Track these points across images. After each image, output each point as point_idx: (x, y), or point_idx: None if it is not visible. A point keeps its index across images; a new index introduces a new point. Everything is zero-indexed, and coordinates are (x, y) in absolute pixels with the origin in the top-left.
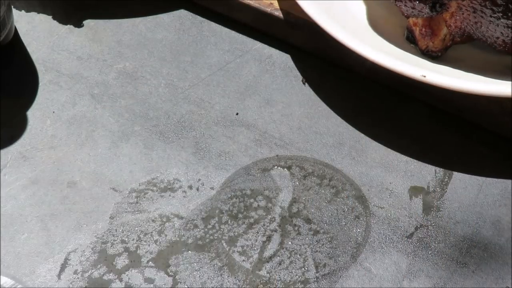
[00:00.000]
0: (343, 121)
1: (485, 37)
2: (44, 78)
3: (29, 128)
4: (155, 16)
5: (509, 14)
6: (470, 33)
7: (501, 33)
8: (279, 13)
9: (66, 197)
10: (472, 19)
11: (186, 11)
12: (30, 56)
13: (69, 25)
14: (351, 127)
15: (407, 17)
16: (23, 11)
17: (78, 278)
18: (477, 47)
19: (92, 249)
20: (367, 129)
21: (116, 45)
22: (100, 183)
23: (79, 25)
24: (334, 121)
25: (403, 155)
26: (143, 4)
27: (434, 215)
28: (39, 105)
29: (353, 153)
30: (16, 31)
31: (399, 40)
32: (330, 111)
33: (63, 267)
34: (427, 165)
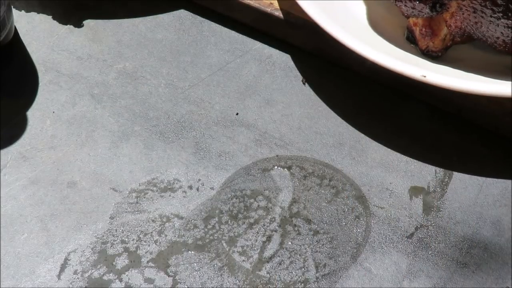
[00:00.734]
0: (343, 121)
1: (485, 37)
2: (44, 78)
3: (29, 128)
4: (155, 16)
5: (509, 14)
6: (470, 33)
7: (501, 33)
8: (279, 13)
9: (66, 197)
10: (472, 19)
11: (186, 11)
12: (30, 56)
13: (69, 25)
14: (351, 127)
15: (407, 17)
16: (23, 11)
17: (78, 278)
18: (477, 47)
19: (92, 249)
20: (367, 129)
21: (116, 45)
22: (100, 183)
23: (79, 25)
24: (334, 121)
25: (403, 155)
26: (143, 4)
27: (434, 215)
28: (39, 105)
29: (353, 153)
30: (16, 31)
31: (399, 40)
32: (330, 111)
33: (63, 267)
34: (427, 165)
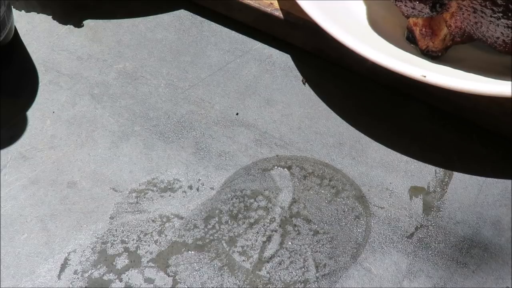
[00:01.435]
0: (343, 121)
1: (485, 37)
2: (44, 78)
3: (29, 128)
4: (155, 16)
5: (509, 14)
6: (470, 33)
7: (501, 33)
8: (279, 13)
9: (66, 197)
10: (472, 19)
11: (186, 11)
12: (30, 56)
13: (69, 25)
14: (351, 127)
15: (407, 17)
16: (23, 11)
17: (78, 278)
18: (477, 47)
19: (92, 249)
20: (367, 129)
21: (116, 45)
22: (100, 183)
23: (79, 25)
24: (334, 121)
25: (403, 155)
26: (143, 4)
27: (434, 215)
28: (39, 105)
29: (353, 153)
30: (16, 31)
31: (399, 40)
32: (330, 111)
33: (63, 267)
34: (427, 165)
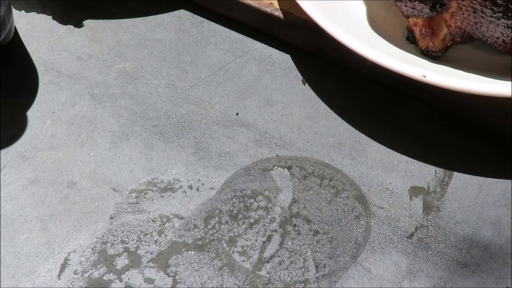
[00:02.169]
0: (343, 121)
1: (485, 37)
2: (44, 78)
3: (29, 128)
4: (155, 16)
5: (509, 14)
6: (470, 33)
7: (501, 33)
8: (279, 13)
9: (66, 197)
10: (472, 19)
11: (186, 11)
12: (30, 56)
13: (69, 25)
14: (351, 127)
15: (407, 17)
16: (23, 11)
17: (78, 278)
18: (477, 47)
19: (92, 249)
20: (367, 129)
21: (116, 45)
22: (100, 183)
23: (79, 25)
24: (334, 121)
25: (403, 155)
26: (143, 4)
27: (434, 215)
28: (39, 105)
29: (353, 153)
30: (16, 31)
31: (399, 40)
32: (330, 111)
33: (63, 267)
34: (427, 165)
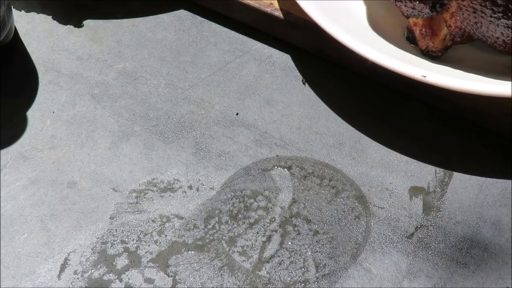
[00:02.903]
0: (343, 121)
1: (485, 37)
2: (44, 78)
3: (29, 128)
4: (155, 16)
5: (509, 14)
6: (470, 33)
7: (501, 33)
8: (279, 13)
9: (66, 197)
10: (472, 19)
11: (186, 11)
12: (30, 56)
13: (69, 25)
14: (351, 127)
15: (407, 17)
16: (23, 11)
17: (78, 278)
18: (477, 47)
19: (92, 249)
20: (367, 129)
21: (116, 45)
22: (100, 183)
23: (79, 25)
24: (334, 121)
25: (403, 155)
26: (143, 4)
27: (434, 215)
28: (39, 105)
29: (353, 153)
30: (16, 31)
31: (399, 40)
32: (330, 111)
33: (63, 267)
34: (427, 165)
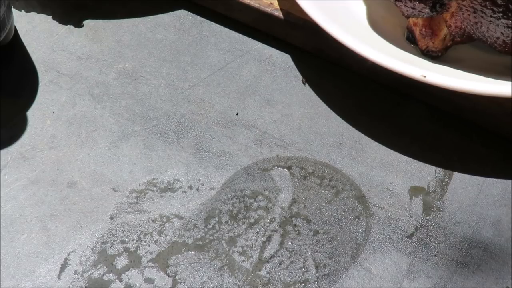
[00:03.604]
0: (343, 121)
1: (485, 37)
2: (44, 78)
3: (29, 128)
4: (155, 16)
5: (509, 14)
6: (470, 33)
7: (501, 33)
8: (279, 13)
9: (66, 197)
10: (472, 19)
11: (186, 11)
12: (30, 56)
13: (69, 25)
14: (351, 127)
15: (407, 17)
16: (23, 11)
17: (78, 278)
18: (477, 47)
19: (92, 249)
20: (367, 129)
21: (116, 45)
22: (100, 183)
23: (79, 25)
24: (334, 121)
25: (403, 155)
26: (143, 4)
27: (434, 215)
28: (39, 105)
29: (353, 153)
30: (16, 31)
31: (399, 40)
32: (330, 111)
33: (63, 267)
34: (427, 165)
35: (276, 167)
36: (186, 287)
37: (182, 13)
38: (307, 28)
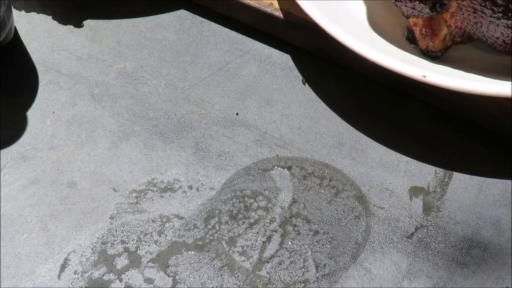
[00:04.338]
0: (343, 121)
1: (485, 37)
2: (44, 78)
3: (29, 128)
4: (155, 16)
5: (509, 14)
6: (470, 33)
7: (501, 33)
8: (279, 13)
9: (66, 197)
10: (472, 19)
11: (186, 11)
12: (30, 56)
13: (69, 25)
14: (351, 127)
15: (407, 17)
16: (23, 11)
17: (78, 278)
18: (477, 47)
19: (92, 249)
20: (367, 129)
21: (116, 45)
22: (100, 183)
23: (79, 25)
24: (334, 121)
25: (403, 155)
26: (143, 4)
27: (434, 215)
28: (39, 105)
29: (353, 153)
30: (16, 31)
31: (399, 40)
32: (330, 111)
33: (63, 267)
34: (427, 165)
35: (276, 167)
36: (186, 287)
37: (182, 13)
38: (307, 28)
